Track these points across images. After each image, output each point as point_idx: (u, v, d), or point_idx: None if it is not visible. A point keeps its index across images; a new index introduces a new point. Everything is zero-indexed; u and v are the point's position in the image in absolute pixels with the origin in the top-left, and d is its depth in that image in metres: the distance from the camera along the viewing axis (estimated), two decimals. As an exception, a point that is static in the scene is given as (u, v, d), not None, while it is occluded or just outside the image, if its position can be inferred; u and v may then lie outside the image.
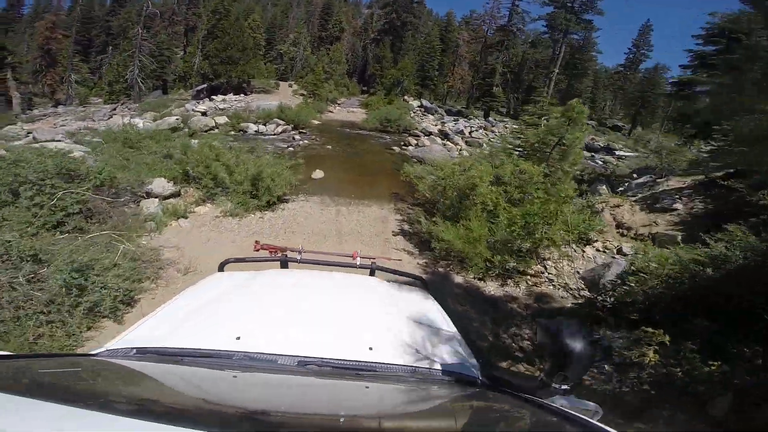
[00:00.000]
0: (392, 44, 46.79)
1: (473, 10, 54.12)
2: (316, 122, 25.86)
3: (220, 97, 29.58)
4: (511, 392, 1.06)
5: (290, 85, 38.55)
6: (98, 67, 43.17)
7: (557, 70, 43.05)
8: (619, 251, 8.34)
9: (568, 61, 45.22)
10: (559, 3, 40.97)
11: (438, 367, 1.18)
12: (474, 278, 7.09)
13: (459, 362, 1.25)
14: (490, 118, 35.79)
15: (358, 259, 2.34)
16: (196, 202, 9.03)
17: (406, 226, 9.27)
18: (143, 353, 1.11)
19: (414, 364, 1.17)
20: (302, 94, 34.15)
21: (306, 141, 19.45)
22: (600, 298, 6.31)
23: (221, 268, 2.08)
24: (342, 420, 0.82)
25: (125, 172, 8.46)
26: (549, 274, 7.50)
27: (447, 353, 1.29)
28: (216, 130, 21.29)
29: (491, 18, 41.61)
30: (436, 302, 1.86)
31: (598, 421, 0.90)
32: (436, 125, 29.75)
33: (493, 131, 32.34)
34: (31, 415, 0.59)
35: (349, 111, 34.17)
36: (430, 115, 34.15)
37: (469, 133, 29.33)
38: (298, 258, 2.34)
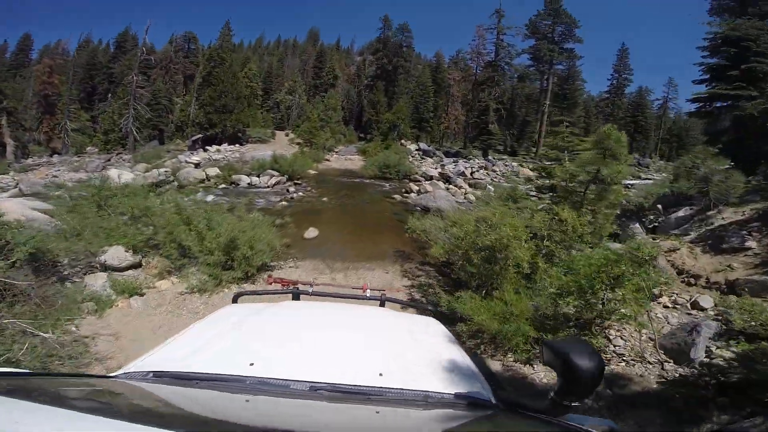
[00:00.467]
0: (386, 89, 46.90)
1: (459, 49, 55.17)
2: (313, 172, 24.65)
3: (214, 148, 28.60)
4: (525, 413, 1.01)
5: (287, 134, 37.94)
6: (99, 115, 42.62)
7: (548, 102, 42.76)
8: (695, 306, 6.62)
9: (557, 93, 45.17)
10: (540, 35, 41.33)
11: (450, 390, 1.13)
12: (516, 361, 5.40)
13: (471, 385, 1.19)
14: (489, 157, 34.78)
15: (368, 291, 2.45)
16: (160, 275, 7.35)
17: (416, 293, 7.55)
18: (159, 376, 1.11)
19: (425, 389, 1.12)
20: (298, 143, 33.38)
21: (301, 193, 18.04)
22: (697, 371, 4.75)
23: (235, 300, 2.10)
24: None
25: (75, 240, 6.85)
26: (615, 346, 5.72)
27: (458, 377, 1.24)
28: (208, 182, 19.99)
29: (478, 55, 41.78)
30: (446, 329, 1.81)
31: None
32: (435, 168, 28.60)
33: (494, 170, 31.25)
34: (51, 425, 0.61)
35: (346, 159, 33.18)
36: (428, 158, 33.18)
37: (471, 174, 28.12)
38: (310, 290, 2.38)
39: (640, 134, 53.76)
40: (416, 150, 34.31)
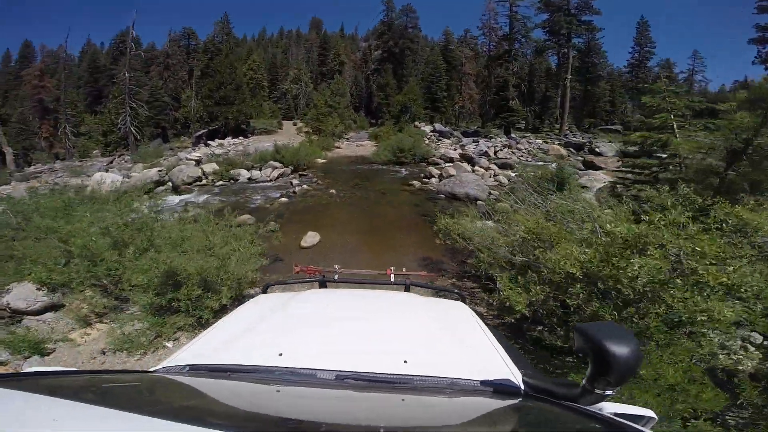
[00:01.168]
0: (394, 71, 43.72)
1: (467, 29, 51.11)
2: (321, 161, 22.07)
3: (216, 142, 26.33)
4: (555, 401, 0.95)
5: (294, 124, 35.43)
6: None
7: (570, 76, 38.95)
8: None
9: (578, 67, 41.25)
10: (554, 6, 37.36)
11: (477, 377, 1.08)
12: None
13: (499, 372, 1.12)
14: (512, 135, 31.53)
15: (392, 275, 2.44)
16: (84, 320, 4.93)
17: (441, 278, 5.28)
18: (195, 369, 1.14)
19: (451, 376, 1.08)
20: (307, 132, 30.84)
21: (306, 186, 15.44)
22: None
23: (264, 290, 2.10)
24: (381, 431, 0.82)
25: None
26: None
27: (486, 364, 1.18)
28: (205, 179, 17.64)
29: (490, 30, 38.15)
30: (473, 314, 1.71)
31: (651, 428, 0.87)
32: (455, 149, 25.67)
33: (518, 149, 28.12)
34: (91, 421, 0.62)
35: (358, 145, 30.48)
36: (445, 139, 30.19)
37: (495, 153, 25.17)
38: (336, 278, 2.37)
39: None
40: (431, 131, 31.32)
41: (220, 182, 17.10)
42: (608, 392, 0.84)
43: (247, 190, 15.45)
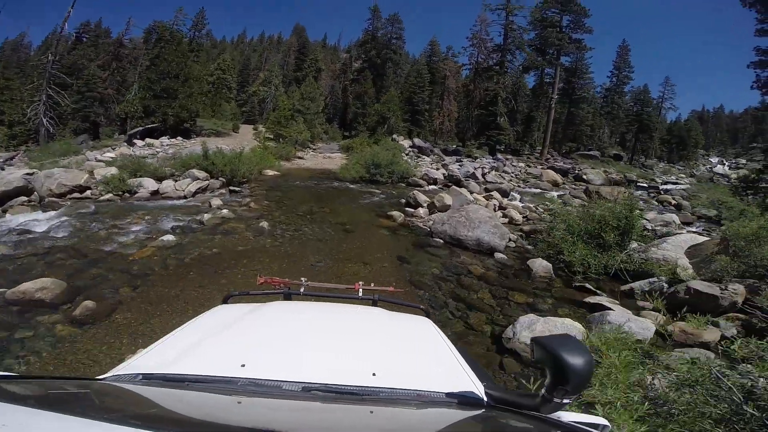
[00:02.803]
0: (374, 82, 38.61)
1: (449, 46, 46.51)
2: (272, 173, 16.24)
3: (142, 142, 19.86)
4: (516, 410, 0.96)
5: (255, 128, 29.38)
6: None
7: (556, 96, 35.03)
8: None
9: (563, 87, 37.61)
10: (546, 22, 33.56)
11: (443, 389, 1.06)
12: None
13: (463, 384, 1.10)
14: (499, 156, 26.81)
15: (361, 290, 2.25)
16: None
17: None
18: (149, 378, 1.04)
19: (418, 388, 1.05)
20: (267, 137, 24.91)
21: (230, 209, 9.58)
22: None
23: (225, 301, 1.89)
24: None
25: None
26: None
27: (450, 376, 1.15)
28: (93, 191, 11.37)
29: (480, 41, 33.80)
30: (438, 328, 1.61)
31: None
32: (437, 168, 20.53)
33: (505, 172, 23.34)
34: (37, 428, 0.59)
35: (325, 157, 24.86)
36: (425, 156, 25.09)
37: (482, 176, 20.19)
38: (301, 291, 2.17)
39: (644, 134, 46.53)
40: (410, 147, 26.14)
41: (108, 195, 10.93)
42: (566, 401, 0.83)
43: (138, 211, 9.45)
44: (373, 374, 1.07)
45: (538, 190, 19.16)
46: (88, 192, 11.37)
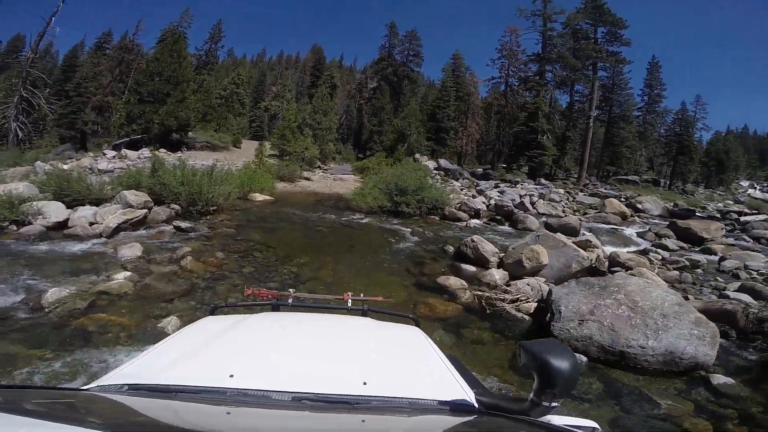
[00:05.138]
0: (390, 98, 34.52)
1: (467, 66, 42.10)
2: (261, 198, 11.67)
3: (113, 153, 15.58)
4: (507, 415, 0.94)
5: (260, 143, 25.25)
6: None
7: (594, 114, 30.09)
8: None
9: (601, 105, 32.89)
10: (581, 34, 29.12)
11: (434, 397, 1.03)
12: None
13: (453, 391, 1.07)
14: (543, 181, 21.95)
15: (350, 301, 2.11)
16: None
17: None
18: (135, 389, 0.99)
19: (410, 396, 1.02)
20: (272, 154, 20.64)
21: (142, 272, 4.92)
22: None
23: (212, 313, 1.77)
24: None
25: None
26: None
27: (441, 383, 1.11)
28: None
29: (510, 52, 29.56)
30: (428, 337, 1.56)
31: None
32: (474, 196, 15.80)
33: (552, 200, 18.44)
34: None
35: (336, 178, 20.36)
36: (453, 180, 20.32)
37: (531, 205, 15.38)
38: (289, 302, 2.01)
39: (684, 155, 40.84)
40: (435, 169, 21.49)
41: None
42: (554, 404, 0.81)
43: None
44: (364, 383, 1.02)
45: (607, 226, 14.20)
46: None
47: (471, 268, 6.20)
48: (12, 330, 3.44)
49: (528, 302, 4.70)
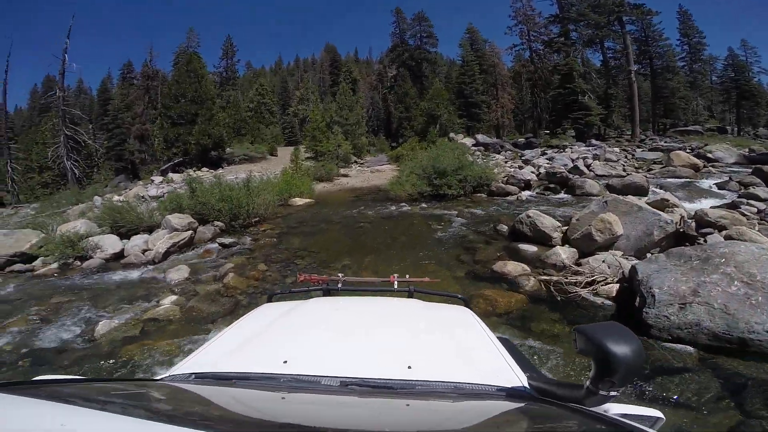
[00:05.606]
0: (413, 83, 33.40)
1: (484, 39, 39.35)
2: (302, 201, 11.62)
3: (161, 178, 16.37)
4: (560, 403, 0.89)
5: (296, 148, 25.57)
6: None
7: (633, 68, 27.19)
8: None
9: (639, 59, 29.76)
10: None
11: (481, 381, 1.01)
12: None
13: (503, 375, 1.05)
14: (594, 141, 20.16)
15: (396, 282, 2.17)
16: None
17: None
18: (201, 378, 1.06)
19: (455, 380, 1.01)
20: (308, 156, 20.79)
21: (188, 294, 4.84)
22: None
23: (269, 300, 1.91)
24: None
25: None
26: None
27: (491, 367, 1.09)
28: (40, 260, 7.47)
29: (526, 17, 27.37)
30: (477, 317, 1.53)
31: (659, 429, 0.84)
32: (521, 167, 14.77)
33: (608, 159, 16.77)
34: (107, 426, 0.59)
35: (372, 171, 20.23)
36: (495, 154, 19.20)
37: (587, 167, 14.08)
38: (339, 286, 2.12)
39: (748, 100, 36.26)
40: (473, 145, 20.45)
41: (55, 264, 6.96)
42: (613, 393, 0.75)
43: (44, 299, 5.06)
44: (409, 367, 1.03)
45: (680, 180, 12.62)
46: (40, 260, 7.49)
47: (531, 248, 5.56)
48: (66, 362, 3.46)
49: (607, 284, 4.03)
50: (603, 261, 4.48)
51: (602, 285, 4.04)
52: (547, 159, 15.94)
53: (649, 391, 2.68)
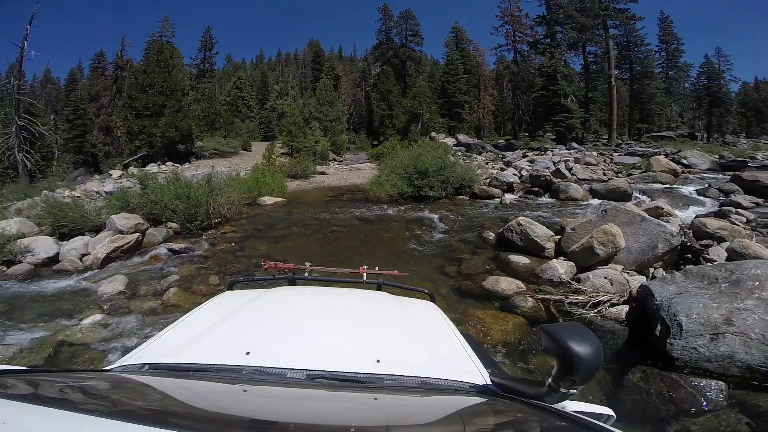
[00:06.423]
0: (397, 81, 32.85)
1: (470, 39, 39.37)
2: (272, 200, 10.75)
3: (119, 173, 15.09)
4: (521, 399, 0.92)
5: (270, 143, 24.44)
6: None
7: (614, 73, 27.63)
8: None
9: (620, 63, 30.32)
10: None
11: (447, 376, 1.01)
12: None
13: (468, 371, 1.06)
14: (574, 145, 20.10)
15: (365, 274, 2.09)
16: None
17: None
18: (155, 368, 1.01)
19: (423, 375, 1.01)
20: (283, 153, 19.80)
21: (119, 312, 3.99)
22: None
23: (231, 287, 1.79)
24: (352, 431, 0.77)
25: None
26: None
27: (455, 363, 1.09)
28: None
29: (512, 18, 27.30)
30: (442, 313, 1.53)
31: (611, 425, 0.85)
32: (503, 169, 14.37)
33: (589, 163, 16.64)
34: (51, 423, 0.56)
35: (352, 169, 19.49)
36: (476, 155, 18.80)
37: (569, 171, 13.82)
38: (306, 275, 2.04)
39: (719, 107, 37.65)
40: (455, 145, 19.99)
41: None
42: (572, 391, 0.79)
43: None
44: (377, 361, 1.02)
45: (660, 186, 12.48)
46: None
47: (523, 260, 4.98)
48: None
49: (614, 305, 3.48)
50: (605, 277, 3.93)
51: (609, 306, 3.49)
52: (528, 161, 15.64)
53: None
